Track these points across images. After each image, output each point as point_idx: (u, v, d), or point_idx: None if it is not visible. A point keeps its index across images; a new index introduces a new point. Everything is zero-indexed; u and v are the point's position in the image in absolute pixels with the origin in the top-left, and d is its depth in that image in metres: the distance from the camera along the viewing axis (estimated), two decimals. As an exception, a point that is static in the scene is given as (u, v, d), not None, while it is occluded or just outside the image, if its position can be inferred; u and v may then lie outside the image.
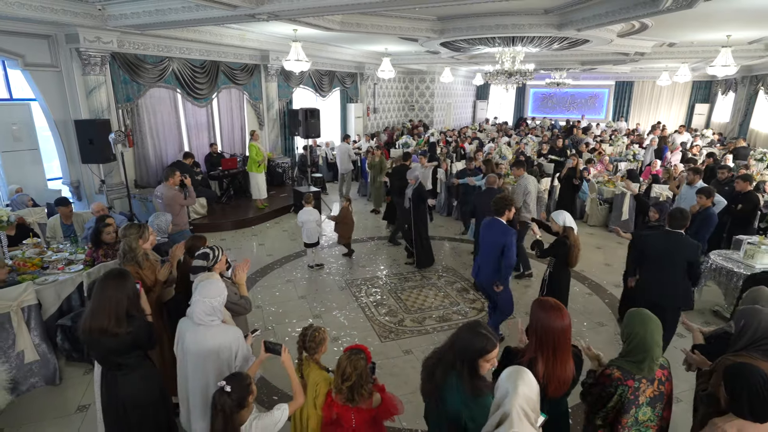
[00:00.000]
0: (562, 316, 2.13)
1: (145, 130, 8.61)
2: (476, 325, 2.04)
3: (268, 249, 7.54)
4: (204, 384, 2.48)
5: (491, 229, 4.34)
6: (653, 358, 2.13)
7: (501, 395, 1.68)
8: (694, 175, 6.06)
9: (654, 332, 2.12)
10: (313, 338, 2.58)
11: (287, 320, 5.20)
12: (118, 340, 2.39)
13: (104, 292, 2.38)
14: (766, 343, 2.24)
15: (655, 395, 2.14)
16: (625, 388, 2.11)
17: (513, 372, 1.72)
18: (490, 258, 4.32)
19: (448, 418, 2.05)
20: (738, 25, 8.07)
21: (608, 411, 2.18)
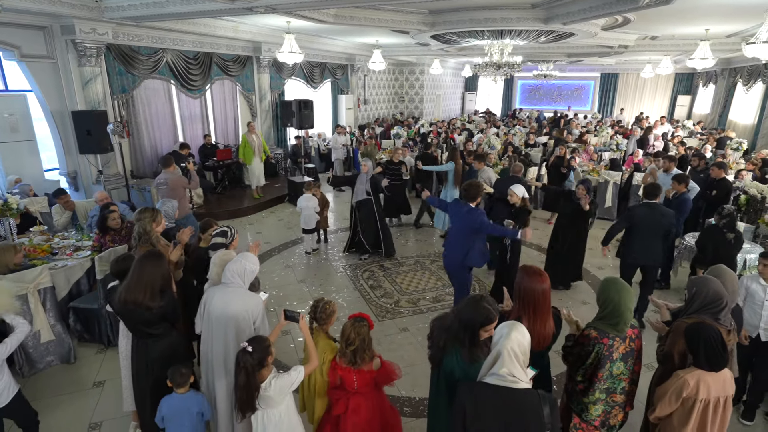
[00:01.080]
0: (542, 279, 2.44)
1: (140, 121, 8.71)
2: (480, 299, 2.31)
3: (265, 237, 7.75)
4: (225, 346, 2.73)
5: (462, 212, 4.28)
6: (625, 321, 2.42)
7: (496, 339, 1.95)
8: (669, 162, 6.42)
9: (627, 299, 2.41)
10: (324, 310, 2.84)
11: (288, 303, 5.44)
12: (151, 313, 2.65)
13: (143, 270, 2.64)
14: (713, 307, 2.54)
15: (627, 351, 2.43)
16: (601, 345, 2.40)
17: (508, 323, 1.99)
18: (459, 242, 4.28)
19: (445, 377, 2.32)
20: (715, 19, 8.42)
21: (587, 367, 2.47)
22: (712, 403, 2.23)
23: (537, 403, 1.84)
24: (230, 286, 2.76)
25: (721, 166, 6.44)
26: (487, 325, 2.23)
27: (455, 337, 2.27)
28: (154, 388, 2.76)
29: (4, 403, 2.79)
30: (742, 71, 13.78)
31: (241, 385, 2.36)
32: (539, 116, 19.66)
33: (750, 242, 5.46)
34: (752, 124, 13.22)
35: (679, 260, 5.64)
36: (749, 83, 13.27)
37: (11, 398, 2.82)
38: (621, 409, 2.54)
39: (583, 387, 2.52)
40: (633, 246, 4.68)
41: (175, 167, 5.98)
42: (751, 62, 13.09)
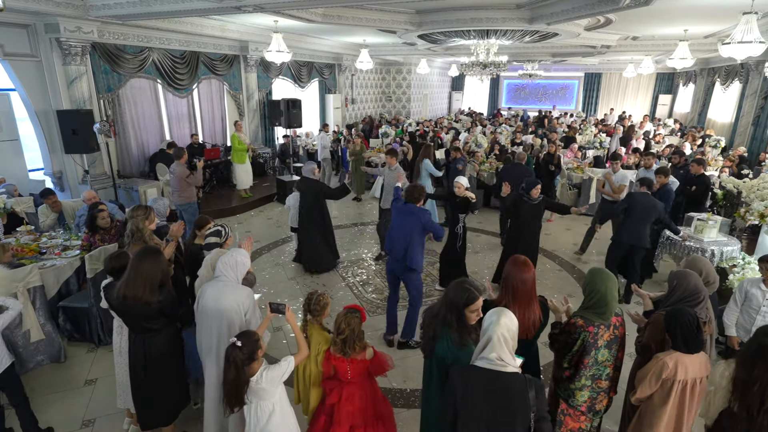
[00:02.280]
0: (528, 269, 2.55)
1: (126, 121, 8.64)
2: (462, 282, 2.41)
3: (255, 236, 7.75)
4: (217, 339, 2.78)
5: (408, 214, 4.29)
6: (611, 309, 2.52)
7: (486, 325, 2.03)
8: (652, 159, 6.64)
9: (612, 289, 2.51)
10: (318, 302, 2.89)
11: (278, 299, 5.45)
12: (149, 308, 2.69)
13: (142, 265, 2.67)
14: (690, 301, 2.66)
15: (611, 339, 2.54)
16: (586, 333, 2.50)
17: (497, 309, 2.08)
18: (402, 240, 4.25)
19: (437, 365, 2.41)
20: (693, 20, 8.68)
21: (573, 354, 2.57)
22: (689, 384, 2.35)
23: (523, 386, 1.93)
24: (222, 280, 2.80)
25: (700, 163, 6.65)
26: (471, 304, 2.32)
27: (443, 320, 2.36)
28: (152, 382, 2.79)
29: None
30: (720, 71, 14.16)
31: (230, 379, 2.41)
32: (523, 115, 19.92)
33: (726, 235, 5.66)
34: (729, 122, 13.60)
35: (662, 253, 5.82)
36: (726, 83, 13.64)
37: (4, 369, 2.97)
38: (606, 394, 2.65)
39: (570, 374, 2.62)
40: (626, 227, 5.31)
41: (185, 160, 6.63)
42: (728, 62, 13.46)
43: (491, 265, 6.56)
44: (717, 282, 3.00)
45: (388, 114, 18.68)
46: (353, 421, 2.82)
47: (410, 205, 4.40)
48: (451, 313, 2.35)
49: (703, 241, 5.38)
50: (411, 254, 4.22)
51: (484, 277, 6.17)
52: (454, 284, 2.41)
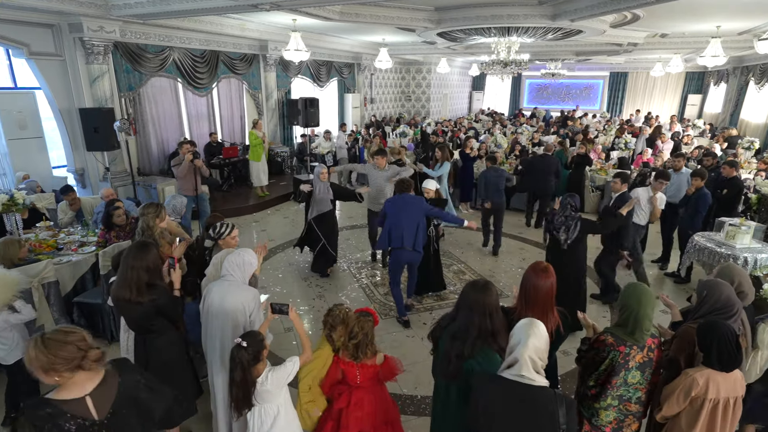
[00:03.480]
0: (546, 276, 2.39)
1: (146, 119, 8.75)
2: (486, 283, 2.29)
3: (270, 234, 7.75)
4: (221, 341, 2.71)
5: (409, 204, 4.64)
6: (643, 329, 2.31)
7: (514, 342, 1.91)
8: (683, 160, 6.34)
9: (647, 307, 2.30)
10: (333, 314, 2.72)
11: (291, 299, 5.42)
12: (143, 309, 2.61)
13: (126, 263, 2.61)
14: (723, 314, 2.45)
15: (645, 361, 2.34)
16: (616, 353, 2.31)
17: (526, 324, 1.94)
18: (411, 227, 4.59)
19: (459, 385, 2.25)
20: (726, 15, 8.29)
21: (600, 373, 2.38)
22: (721, 404, 2.17)
23: (552, 402, 1.81)
24: (227, 280, 2.74)
25: (733, 165, 6.31)
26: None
27: (481, 334, 2.20)
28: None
29: (11, 362, 3.14)
30: (755, 69, 13.55)
31: (238, 381, 2.34)
32: (546, 115, 19.52)
33: (761, 242, 5.35)
34: (764, 123, 13.00)
35: (689, 259, 5.54)
36: (762, 81, 13.05)
37: (18, 359, 3.09)
38: (635, 418, 2.45)
39: (596, 392, 2.44)
40: None
41: (183, 152, 6.61)
42: (763, 60, 12.87)
43: (508, 269, 6.38)
44: (752, 293, 2.78)
45: (407, 114, 18.54)
46: (362, 427, 2.72)
47: (406, 195, 4.73)
48: (492, 320, 2.22)
49: (735, 247, 5.08)
50: (419, 240, 4.66)
51: (500, 281, 5.99)
52: (482, 288, 2.26)
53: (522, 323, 1.98)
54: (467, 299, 2.25)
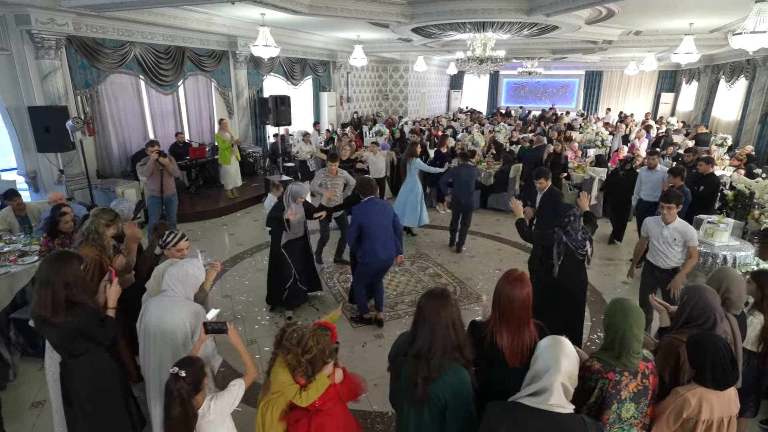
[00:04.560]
0: (521, 285, 2.12)
1: (106, 118, 8.26)
2: (443, 291, 2.07)
3: (239, 239, 7.38)
4: (160, 365, 2.39)
5: (380, 208, 4.44)
6: (631, 351, 2.03)
7: (541, 368, 1.66)
8: (657, 158, 6.24)
9: (633, 325, 2.02)
10: (291, 337, 2.45)
11: (257, 309, 5.09)
12: (61, 331, 2.24)
13: (40, 277, 2.25)
14: (699, 322, 2.24)
15: (639, 390, 2.06)
16: (605, 381, 2.03)
17: (552, 345, 1.71)
18: (387, 235, 4.44)
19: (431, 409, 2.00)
20: (700, 12, 8.29)
21: (589, 407, 2.07)
22: (715, 425, 1.96)
23: (583, 430, 1.63)
24: (167, 295, 2.41)
25: (709, 161, 6.25)
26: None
27: (447, 352, 1.97)
28: (82, 415, 2.38)
29: None
30: (725, 68, 13.76)
31: (176, 416, 2.01)
32: (522, 113, 19.58)
33: (739, 239, 5.27)
34: (735, 120, 13.20)
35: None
36: (732, 79, 13.24)
37: None
38: None
39: None
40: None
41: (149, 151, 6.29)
42: (733, 58, 13.07)
43: (486, 270, 6.18)
44: (741, 299, 2.57)
45: (384, 113, 18.30)
46: None
47: (377, 200, 4.50)
48: (456, 332, 2.00)
49: (714, 245, 4.98)
50: (398, 242, 4.54)
51: (477, 284, 5.77)
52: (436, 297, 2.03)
53: (546, 344, 1.76)
54: (425, 313, 1.99)
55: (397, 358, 2.11)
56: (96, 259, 2.96)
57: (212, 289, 5.58)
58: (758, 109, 11.43)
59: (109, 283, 2.49)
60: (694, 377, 2.05)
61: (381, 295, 4.81)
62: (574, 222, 3.61)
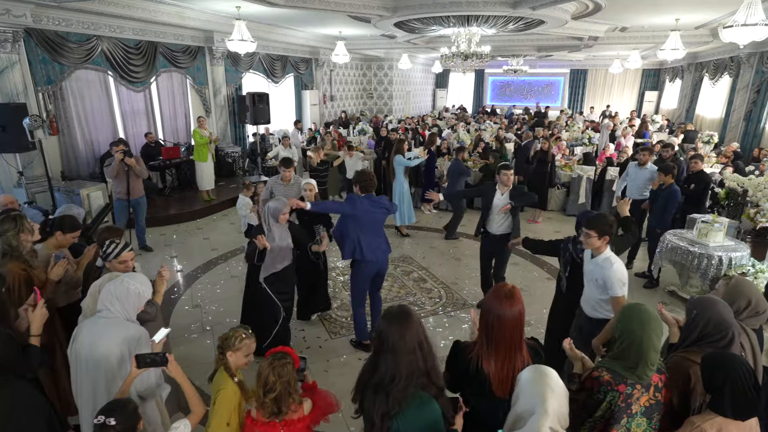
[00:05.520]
0: (512, 303, 1.83)
1: (71, 116, 7.78)
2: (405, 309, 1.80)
3: (213, 243, 7.00)
4: (94, 399, 2.04)
5: (376, 204, 3.92)
6: (647, 363, 1.82)
7: (525, 409, 1.40)
8: (649, 155, 6.04)
9: (652, 334, 1.82)
10: (225, 337, 2.16)
11: (228, 320, 4.73)
12: None
13: None
14: (713, 340, 1.98)
15: (651, 404, 1.86)
16: (615, 394, 1.82)
17: (534, 379, 1.43)
18: (381, 233, 4.04)
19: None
20: (686, 7, 8.16)
21: (595, 421, 1.87)
22: (736, 460, 1.70)
23: None
24: (103, 316, 2.07)
25: (699, 158, 6.09)
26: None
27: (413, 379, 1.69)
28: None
29: None
30: (708, 65, 13.77)
31: None
32: (507, 112, 19.48)
33: (734, 239, 5.09)
34: (720, 117, 13.19)
35: (661, 259, 5.21)
36: (716, 77, 13.24)
37: None
38: None
39: None
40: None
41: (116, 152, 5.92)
42: (717, 56, 13.07)
43: (474, 274, 5.88)
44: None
45: (369, 111, 17.99)
46: None
47: (374, 197, 3.94)
48: (423, 354, 1.73)
49: (709, 246, 4.79)
50: (388, 243, 4.09)
51: (464, 288, 5.50)
52: (395, 317, 1.75)
53: (528, 378, 1.48)
54: (387, 338, 1.71)
55: (357, 391, 1.82)
56: (20, 275, 2.59)
57: (181, 297, 5.22)
58: (743, 106, 11.40)
59: (32, 307, 2.13)
60: (709, 404, 1.79)
61: (378, 304, 4.28)
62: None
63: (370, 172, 4.05)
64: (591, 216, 2.96)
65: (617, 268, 2.79)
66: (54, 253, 3.01)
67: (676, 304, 5.13)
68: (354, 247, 3.85)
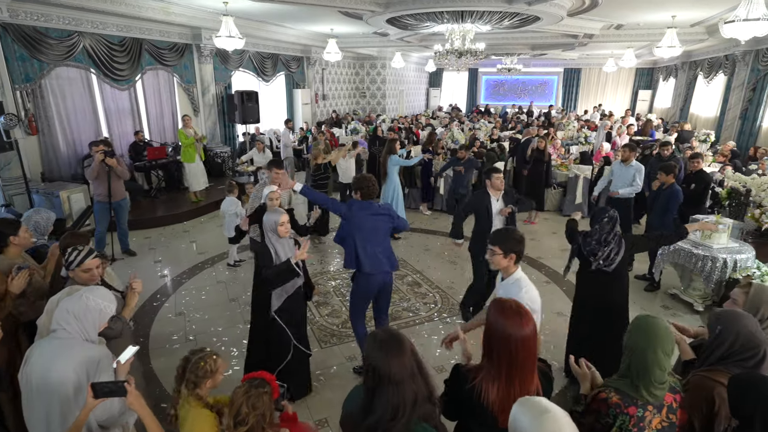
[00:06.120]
0: (525, 321, 1.61)
1: (51, 116, 7.48)
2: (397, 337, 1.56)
3: (200, 246, 6.75)
4: (48, 427, 1.81)
5: (377, 211, 3.58)
6: (651, 380, 1.64)
7: None
8: (630, 152, 5.86)
9: (658, 348, 1.65)
10: (196, 368, 1.94)
11: (213, 328, 4.50)
12: None
13: None
14: (742, 359, 1.79)
15: (664, 427, 1.68)
16: (625, 417, 1.64)
17: (539, 421, 1.21)
18: (384, 243, 3.60)
19: None
20: (682, 4, 8.03)
21: None
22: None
23: None
24: (58, 337, 1.84)
25: (698, 157, 5.93)
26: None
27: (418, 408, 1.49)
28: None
29: None
30: (703, 64, 13.70)
31: None
32: (502, 111, 19.37)
33: (738, 241, 4.93)
34: (715, 116, 13.12)
35: (663, 262, 5.05)
36: (710, 76, 13.17)
37: None
38: None
39: None
40: None
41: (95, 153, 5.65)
42: (711, 54, 12.99)
43: (470, 278, 5.68)
44: None
45: (361, 111, 17.77)
46: None
47: (374, 204, 3.59)
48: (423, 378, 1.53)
49: (712, 248, 4.62)
50: (393, 256, 3.67)
51: (459, 293, 5.28)
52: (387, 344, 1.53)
53: (524, 420, 1.25)
54: (383, 371, 1.47)
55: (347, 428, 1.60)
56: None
57: (164, 304, 4.98)
58: (738, 104, 11.31)
59: None
60: (737, 431, 1.60)
61: (384, 318, 3.89)
62: (604, 225, 3.25)
63: (371, 176, 3.69)
64: (497, 230, 2.69)
65: (527, 294, 2.39)
66: (17, 264, 2.77)
67: (677, 308, 4.97)
68: (352, 256, 3.53)
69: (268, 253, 3.11)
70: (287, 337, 3.26)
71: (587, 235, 3.31)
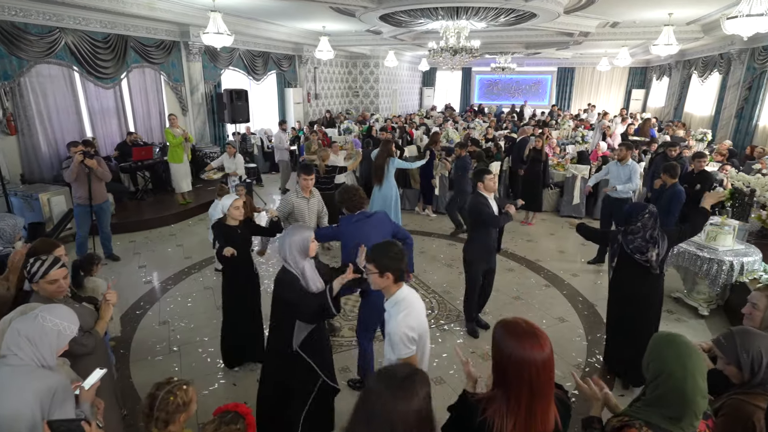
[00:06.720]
0: (542, 344, 1.40)
1: (32, 115, 7.20)
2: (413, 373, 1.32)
3: (187, 251, 6.50)
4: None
5: (376, 221, 3.38)
6: (695, 413, 1.42)
7: None
8: (626, 151, 5.72)
9: (696, 374, 1.42)
10: (166, 404, 1.71)
11: (198, 338, 4.27)
12: None
13: None
14: None
15: None
16: None
17: None
18: None
19: None
20: (680, 1, 7.91)
21: None
22: None
23: None
24: (9, 363, 1.61)
25: (701, 157, 5.80)
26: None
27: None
28: None
29: None
30: (697, 63, 13.64)
31: None
32: (497, 111, 19.26)
33: (744, 243, 4.79)
34: (709, 115, 13.06)
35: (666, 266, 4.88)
36: (705, 74, 13.11)
37: None
38: None
39: None
40: None
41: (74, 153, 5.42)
42: (706, 53, 12.94)
43: (467, 281, 5.51)
44: None
45: (354, 110, 17.56)
46: None
47: (367, 212, 3.48)
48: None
49: (718, 250, 4.48)
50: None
51: (457, 298, 5.09)
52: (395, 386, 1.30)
53: None
54: (383, 412, 1.25)
55: None
56: None
57: (148, 312, 4.73)
58: (734, 103, 11.24)
59: None
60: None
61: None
62: (647, 221, 3.12)
63: (353, 186, 3.52)
64: (375, 245, 2.17)
65: (405, 318, 2.01)
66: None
67: (681, 312, 4.82)
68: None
69: (296, 280, 2.47)
70: (313, 373, 2.66)
71: (628, 233, 3.19)
